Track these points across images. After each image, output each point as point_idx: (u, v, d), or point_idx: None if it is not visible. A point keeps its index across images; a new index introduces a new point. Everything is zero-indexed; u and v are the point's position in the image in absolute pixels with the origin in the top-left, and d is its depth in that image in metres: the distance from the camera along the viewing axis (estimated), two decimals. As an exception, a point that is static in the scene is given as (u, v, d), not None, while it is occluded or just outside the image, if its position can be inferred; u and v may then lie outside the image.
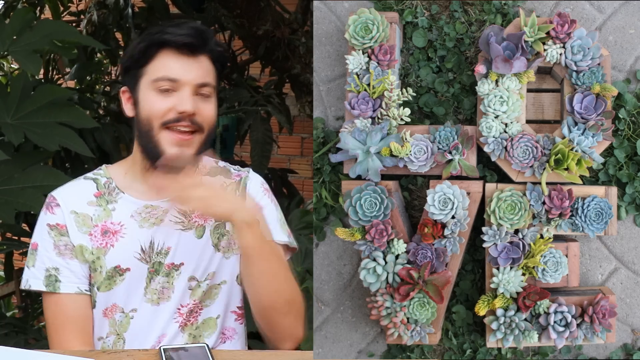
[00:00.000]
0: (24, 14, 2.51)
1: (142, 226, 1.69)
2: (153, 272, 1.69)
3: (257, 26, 3.41)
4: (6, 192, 2.31)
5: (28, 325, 2.79)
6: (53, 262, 1.68)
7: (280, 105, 3.37)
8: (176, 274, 1.70)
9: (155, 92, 1.64)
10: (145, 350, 1.57)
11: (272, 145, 3.31)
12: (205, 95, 1.66)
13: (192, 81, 1.64)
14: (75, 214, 1.69)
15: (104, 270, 1.67)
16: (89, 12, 3.76)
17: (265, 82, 3.87)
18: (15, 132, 2.34)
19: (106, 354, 1.49)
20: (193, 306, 1.71)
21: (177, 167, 1.63)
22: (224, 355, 1.52)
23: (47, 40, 2.45)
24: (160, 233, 1.70)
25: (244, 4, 3.39)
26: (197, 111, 1.64)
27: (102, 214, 1.70)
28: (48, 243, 1.69)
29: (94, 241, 1.68)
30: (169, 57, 1.64)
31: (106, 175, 1.74)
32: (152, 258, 1.69)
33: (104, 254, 1.67)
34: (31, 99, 2.43)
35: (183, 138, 1.63)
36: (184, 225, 1.72)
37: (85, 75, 3.66)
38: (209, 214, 1.69)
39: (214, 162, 1.81)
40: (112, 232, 1.68)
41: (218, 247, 1.73)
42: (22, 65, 2.36)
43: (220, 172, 1.79)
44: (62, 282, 1.67)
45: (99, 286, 1.68)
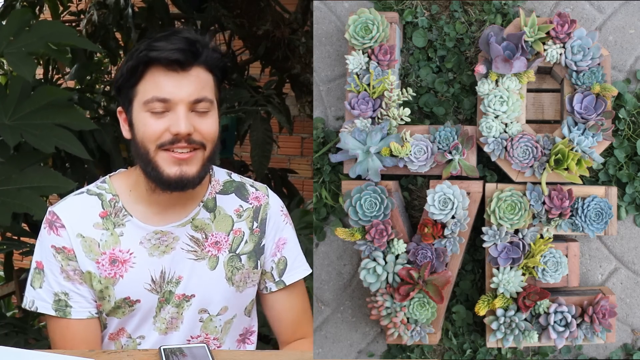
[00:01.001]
0: (21, 15, 2.49)
1: (152, 254, 1.61)
2: (163, 301, 1.63)
3: (257, 26, 3.41)
4: (3, 193, 2.29)
5: (28, 325, 2.78)
6: (62, 287, 1.60)
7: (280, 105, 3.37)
8: (187, 305, 1.64)
9: (149, 114, 1.54)
10: (145, 350, 1.57)
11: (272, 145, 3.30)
12: (202, 111, 1.56)
13: (186, 99, 1.53)
14: (82, 238, 1.60)
15: (112, 299, 1.61)
16: (89, 12, 3.76)
17: (265, 82, 3.86)
18: (12, 133, 2.32)
19: (106, 354, 1.48)
20: (205, 340, 1.66)
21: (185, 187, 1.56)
22: (223, 355, 1.52)
23: (42, 43, 2.43)
24: (172, 261, 1.62)
25: (244, 4, 3.39)
26: (194, 130, 1.54)
27: (110, 239, 1.61)
28: (54, 266, 1.61)
29: (102, 270, 1.60)
30: (159, 75, 1.53)
31: (111, 191, 1.65)
32: (162, 288, 1.62)
33: (113, 284, 1.60)
34: (30, 99, 2.42)
35: (181, 157, 1.54)
36: (197, 254, 1.64)
37: (85, 75, 3.65)
38: None
39: (227, 175, 1.75)
40: (121, 262, 1.60)
41: (232, 281, 1.67)
42: (16, 69, 2.33)
43: (235, 188, 1.73)
44: (73, 307, 1.60)
45: (107, 313, 1.63)
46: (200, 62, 1.56)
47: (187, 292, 1.64)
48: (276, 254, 1.72)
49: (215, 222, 1.67)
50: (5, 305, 3.91)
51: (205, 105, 1.56)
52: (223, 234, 1.67)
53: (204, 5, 3.52)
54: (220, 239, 1.67)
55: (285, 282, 1.73)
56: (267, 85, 3.74)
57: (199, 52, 1.55)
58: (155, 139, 1.54)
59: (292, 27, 3.46)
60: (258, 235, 1.70)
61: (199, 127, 1.56)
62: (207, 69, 1.58)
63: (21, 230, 2.75)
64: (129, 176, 1.67)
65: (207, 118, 1.57)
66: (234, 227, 1.69)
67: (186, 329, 1.65)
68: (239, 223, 1.69)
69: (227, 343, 1.71)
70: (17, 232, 2.79)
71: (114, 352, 1.54)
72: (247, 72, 3.93)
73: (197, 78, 1.56)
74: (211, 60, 1.58)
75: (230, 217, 1.69)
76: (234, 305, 1.69)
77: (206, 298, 1.65)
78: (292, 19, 3.50)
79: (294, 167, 4.43)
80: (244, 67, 3.87)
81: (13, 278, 3.48)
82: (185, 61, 1.54)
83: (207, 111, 1.57)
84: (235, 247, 1.68)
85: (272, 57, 3.52)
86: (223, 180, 1.72)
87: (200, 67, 1.56)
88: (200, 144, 1.56)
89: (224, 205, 1.69)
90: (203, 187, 1.67)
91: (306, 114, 3.59)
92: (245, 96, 3.35)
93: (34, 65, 2.43)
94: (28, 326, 2.76)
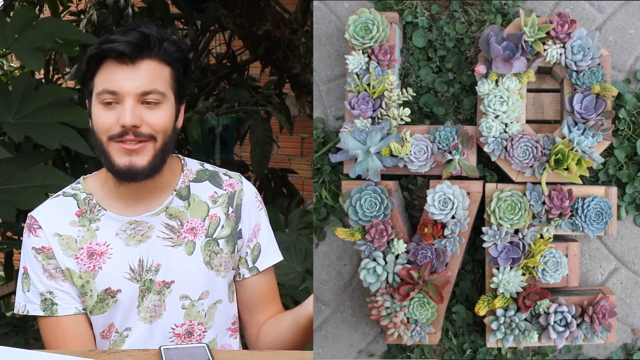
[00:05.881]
0: (25, 13, 2.51)
1: (128, 244, 1.65)
2: (145, 290, 1.65)
3: (257, 26, 3.41)
4: (8, 191, 2.32)
5: (28, 325, 2.78)
6: (46, 286, 1.65)
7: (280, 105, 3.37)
8: (167, 291, 1.66)
9: (102, 106, 1.59)
10: (145, 350, 1.57)
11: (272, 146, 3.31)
12: (152, 103, 1.59)
13: (133, 91, 1.57)
14: (59, 237, 1.65)
15: (94, 293, 1.64)
16: (89, 12, 3.76)
17: (265, 82, 3.87)
18: (16, 131, 2.34)
19: (106, 354, 1.49)
20: (190, 327, 1.68)
21: (135, 177, 1.59)
22: (223, 355, 1.52)
23: (49, 38, 2.45)
24: (149, 250, 1.66)
25: (244, 4, 3.39)
26: (142, 122, 1.58)
27: (87, 234, 1.65)
28: (37, 267, 1.66)
29: (81, 265, 1.64)
30: (111, 68, 1.58)
31: (85, 190, 1.70)
32: (142, 276, 1.65)
33: (93, 277, 1.64)
34: (33, 98, 2.43)
35: (130, 148, 1.58)
36: (173, 241, 1.67)
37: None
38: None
39: (199, 165, 1.77)
40: (98, 254, 1.64)
41: (210, 265, 1.69)
42: (24, 62, 2.36)
43: (209, 176, 1.75)
44: (59, 304, 1.64)
45: (91, 310, 1.65)
46: (152, 56, 1.60)
47: (167, 279, 1.66)
48: (252, 240, 1.75)
49: (190, 209, 1.70)
50: (5, 305, 3.91)
51: (155, 97, 1.60)
52: (199, 220, 1.70)
53: (204, 5, 3.53)
54: (196, 225, 1.70)
55: (259, 269, 1.76)
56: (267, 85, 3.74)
57: (150, 46, 1.59)
58: (106, 130, 1.59)
59: (292, 27, 3.47)
60: (234, 220, 1.73)
61: (148, 119, 1.59)
62: (163, 62, 1.61)
63: (21, 230, 2.75)
64: (101, 174, 1.72)
65: (157, 110, 1.60)
66: (210, 213, 1.71)
67: (170, 316, 1.67)
68: (214, 209, 1.72)
69: (215, 329, 1.72)
70: (18, 231, 2.80)
71: (114, 352, 1.54)
72: (247, 72, 3.94)
73: (147, 71, 1.59)
74: (166, 54, 1.61)
75: (205, 203, 1.72)
76: (215, 289, 1.70)
77: (186, 283, 1.67)
78: (292, 19, 3.50)
79: (294, 167, 4.43)
80: (244, 67, 3.87)
81: (13, 278, 3.48)
82: (134, 54, 1.58)
83: (157, 103, 1.60)
84: (212, 231, 1.70)
85: (272, 57, 3.53)
86: (196, 170, 1.76)
87: (153, 60, 1.60)
88: (149, 136, 1.60)
89: (198, 193, 1.72)
90: (174, 176, 1.71)
91: (306, 114, 3.60)
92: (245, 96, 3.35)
93: (42, 59, 2.45)
94: (28, 326, 2.76)
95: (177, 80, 1.64)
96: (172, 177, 1.71)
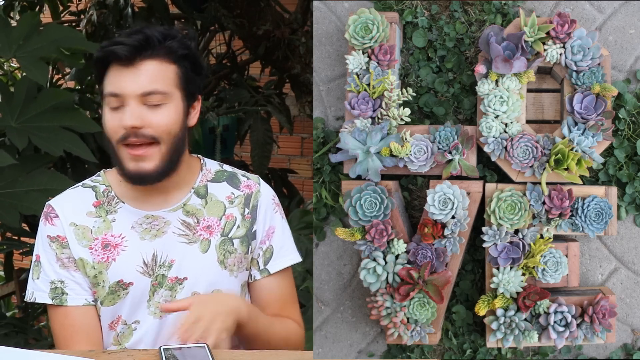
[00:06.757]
0: (30, 19, 2.51)
1: (143, 238, 1.66)
2: (156, 284, 1.65)
3: (257, 26, 3.41)
4: (11, 196, 2.32)
5: (28, 325, 2.79)
6: (58, 275, 1.65)
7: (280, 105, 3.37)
8: (179, 287, 1.66)
9: (108, 109, 1.61)
10: (145, 350, 1.57)
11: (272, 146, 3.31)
12: (153, 104, 1.59)
13: (134, 92, 1.57)
14: (75, 226, 1.66)
15: (106, 284, 1.64)
16: (89, 12, 3.76)
17: (265, 82, 3.87)
18: (19, 135, 2.34)
19: (106, 354, 1.49)
20: None
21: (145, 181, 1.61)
22: (224, 355, 1.51)
23: (54, 47, 2.45)
24: (164, 245, 1.66)
25: (244, 4, 3.39)
26: (144, 123, 1.58)
27: (102, 225, 1.66)
28: (50, 255, 1.66)
29: (95, 255, 1.64)
30: (115, 71, 1.60)
31: (105, 182, 1.71)
32: (155, 271, 1.65)
33: (106, 269, 1.64)
34: (35, 102, 2.43)
35: (136, 153, 1.59)
36: (189, 238, 1.67)
37: (86, 76, 3.65)
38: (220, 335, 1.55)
39: (218, 166, 1.78)
40: (112, 246, 1.65)
41: (224, 264, 1.68)
42: (29, 73, 2.35)
43: (227, 177, 1.75)
44: (69, 294, 1.65)
45: (102, 301, 1.65)
46: (154, 56, 1.59)
47: (180, 275, 1.66)
48: (265, 242, 1.74)
49: (207, 207, 1.71)
50: (5, 305, 3.91)
51: (157, 98, 1.59)
52: (215, 219, 1.70)
53: (204, 5, 3.53)
54: (212, 223, 1.70)
55: (270, 271, 1.74)
56: (267, 85, 3.74)
57: (150, 46, 1.59)
58: (113, 133, 1.60)
59: (292, 27, 3.47)
60: (249, 221, 1.72)
61: (150, 120, 1.59)
62: (166, 61, 1.61)
63: (21, 230, 2.76)
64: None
65: (160, 111, 1.60)
66: (226, 212, 1.71)
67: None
68: (230, 209, 1.72)
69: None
70: (17, 232, 2.80)
71: (114, 352, 1.54)
72: (247, 72, 3.94)
73: (147, 72, 1.59)
74: (170, 52, 1.61)
75: (222, 202, 1.72)
76: (227, 289, 1.70)
77: (198, 281, 1.67)
78: (292, 19, 3.50)
79: (294, 167, 4.43)
80: (244, 67, 3.87)
81: (13, 278, 3.48)
82: (133, 56, 1.58)
83: (160, 104, 1.60)
84: (228, 231, 1.70)
85: (272, 57, 3.53)
86: (215, 170, 1.76)
87: (154, 60, 1.59)
88: (151, 138, 1.59)
89: (216, 192, 1.73)
90: (193, 174, 1.72)
91: (306, 114, 3.60)
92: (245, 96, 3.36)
93: (46, 70, 2.45)
94: (28, 326, 2.76)
95: (185, 77, 1.63)
96: (191, 175, 1.72)
